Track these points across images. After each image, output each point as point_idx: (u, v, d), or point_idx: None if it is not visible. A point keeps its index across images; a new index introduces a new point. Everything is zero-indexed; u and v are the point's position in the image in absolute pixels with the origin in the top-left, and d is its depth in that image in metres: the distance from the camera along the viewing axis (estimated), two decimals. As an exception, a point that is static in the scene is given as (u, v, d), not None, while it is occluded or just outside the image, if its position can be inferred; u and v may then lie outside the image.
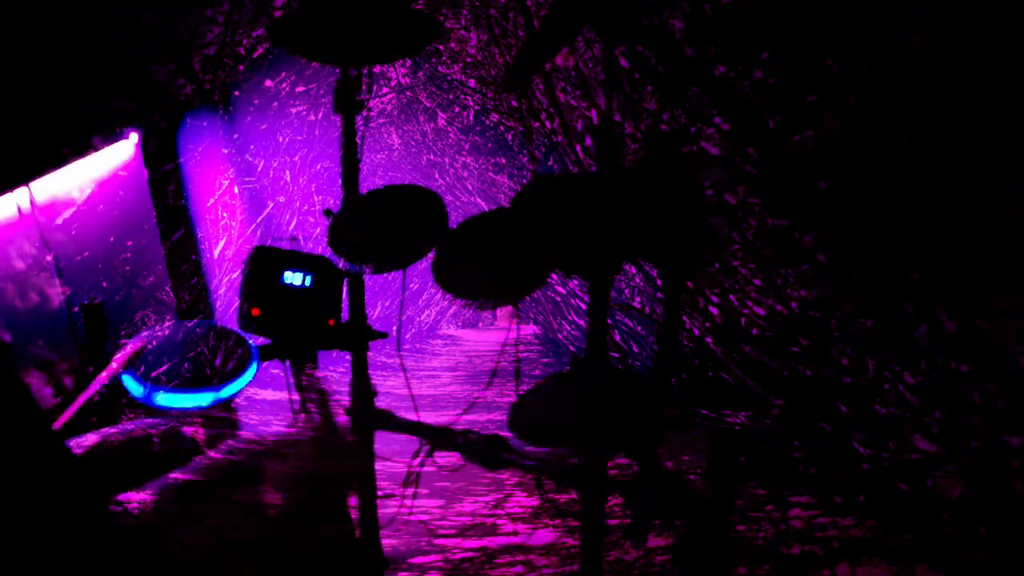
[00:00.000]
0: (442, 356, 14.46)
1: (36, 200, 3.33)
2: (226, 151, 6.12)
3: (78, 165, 3.69)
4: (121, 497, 1.58)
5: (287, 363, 2.49)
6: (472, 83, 7.40)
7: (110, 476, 1.48)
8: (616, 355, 2.06)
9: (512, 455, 2.13)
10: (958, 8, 2.66)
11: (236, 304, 2.17)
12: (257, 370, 2.43)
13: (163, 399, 2.54)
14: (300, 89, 6.73)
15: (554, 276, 7.56)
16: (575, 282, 7.41)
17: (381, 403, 2.61)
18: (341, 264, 2.31)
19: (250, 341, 2.56)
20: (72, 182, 3.71)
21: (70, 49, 1.33)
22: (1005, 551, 3.09)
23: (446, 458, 2.34)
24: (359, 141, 2.64)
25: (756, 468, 4.63)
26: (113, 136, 3.85)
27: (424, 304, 16.02)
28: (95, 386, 2.87)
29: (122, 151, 4.04)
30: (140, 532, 1.52)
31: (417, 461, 2.39)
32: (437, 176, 10.39)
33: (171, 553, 1.52)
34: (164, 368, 2.59)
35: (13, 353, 1.24)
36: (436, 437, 2.33)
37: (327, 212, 2.48)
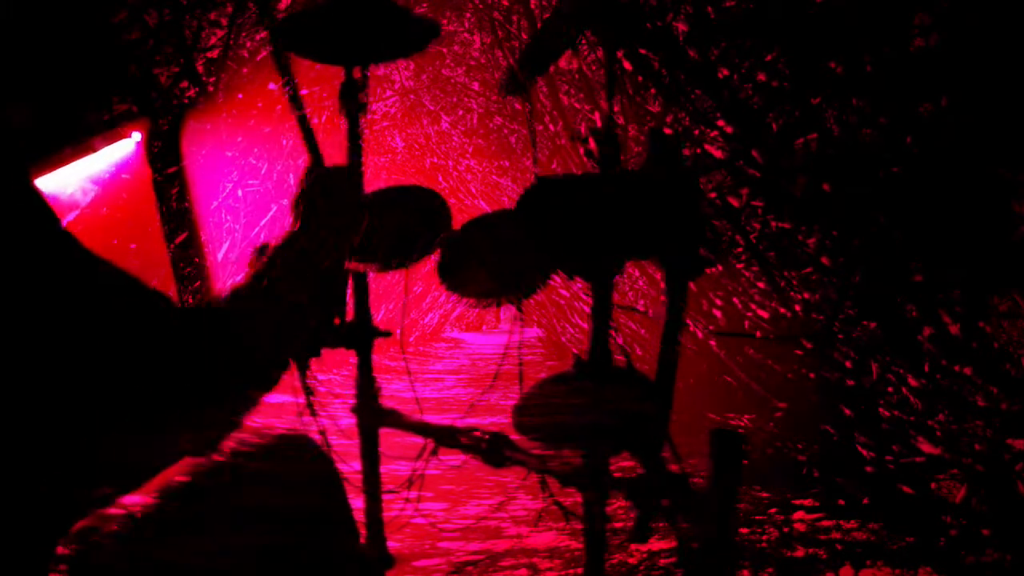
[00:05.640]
0: (446, 359, 14.47)
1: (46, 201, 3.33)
2: (230, 154, 6.13)
3: (81, 168, 3.70)
4: (120, 499, 1.57)
5: (292, 364, 2.48)
6: (476, 86, 7.41)
7: (109, 476, 1.48)
8: (620, 357, 2.07)
9: (516, 453, 2.13)
10: (962, 10, 2.66)
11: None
12: None
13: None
14: (304, 92, 6.74)
15: (558, 280, 7.57)
16: (579, 285, 7.41)
17: (385, 405, 2.61)
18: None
19: None
20: (75, 185, 3.71)
21: (74, 49, 1.33)
22: (1009, 554, 3.08)
23: (450, 458, 2.34)
24: (361, 144, 2.64)
25: (760, 471, 4.63)
26: (116, 138, 3.86)
27: (428, 307, 16.03)
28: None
29: (125, 153, 4.05)
30: (142, 535, 1.52)
31: (421, 462, 2.39)
32: (441, 179, 10.40)
33: (173, 557, 1.52)
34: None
35: None
36: (440, 437, 2.33)
37: None
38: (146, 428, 1.37)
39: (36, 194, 1.27)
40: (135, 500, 1.57)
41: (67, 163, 3.54)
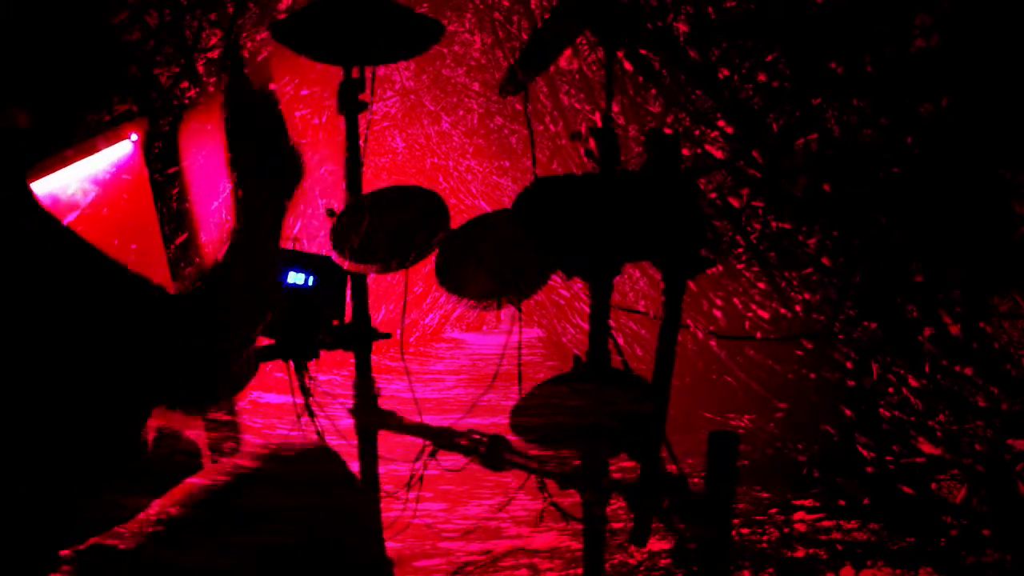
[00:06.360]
0: (447, 360, 14.44)
1: (41, 202, 3.33)
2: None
3: (82, 168, 3.69)
4: (122, 501, 1.58)
5: (291, 365, 2.49)
6: (476, 87, 7.40)
7: (108, 477, 1.48)
8: (620, 358, 2.07)
9: (516, 455, 2.13)
10: (962, 11, 2.66)
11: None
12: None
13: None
14: (304, 92, 6.73)
15: (558, 280, 7.57)
16: (579, 286, 7.40)
17: (385, 406, 2.61)
18: (345, 265, 2.31)
19: None
20: (76, 185, 3.71)
21: (74, 50, 1.34)
22: (1009, 554, 3.08)
23: (449, 460, 2.34)
24: (363, 144, 2.64)
25: (760, 471, 4.62)
26: (117, 138, 3.86)
27: (428, 307, 16.01)
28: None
29: (125, 154, 4.04)
30: (144, 535, 1.52)
31: (420, 463, 2.39)
32: (441, 179, 10.39)
33: (174, 557, 1.52)
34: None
35: None
36: (439, 439, 2.33)
37: (330, 212, 2.48)
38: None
39: (30, 194, 1.29)
40: (137, 502, 1.58)
41: (68, 164, 3.53)
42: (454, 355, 15.37)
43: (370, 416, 2.56)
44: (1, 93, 1.31)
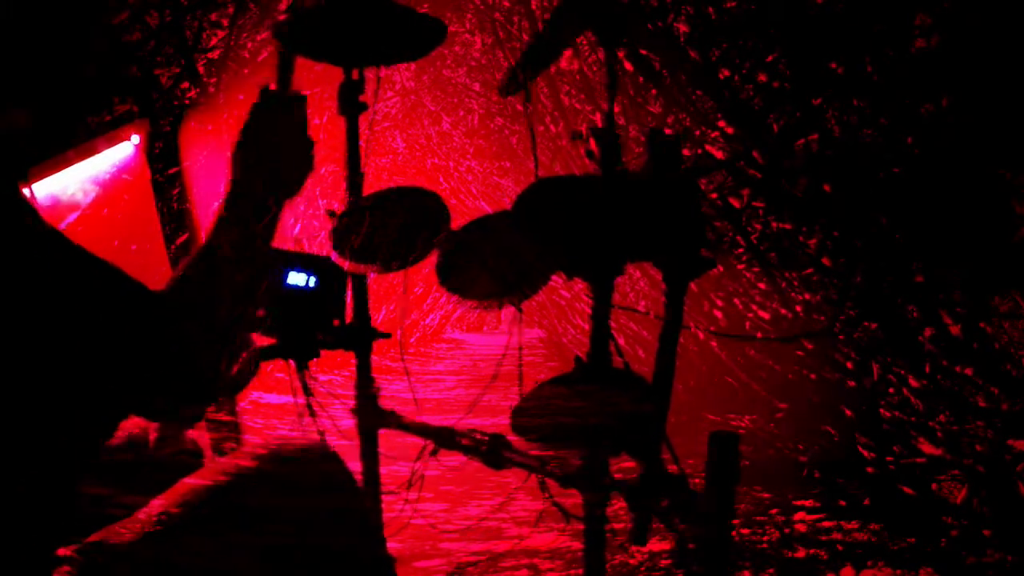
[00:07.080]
0: (447, 360, 14.43)
1: (41, 204, 3.33)
2: (231, 155, 6.10)
3: (82, 168, 3.69)
4: (122, 501, 1.58)
5: (292, 365, 2.49)
6: (477, 87, 7.39)
7: (108, 478, 1.48)
8: (621, 359, 2.07)
9: (516, 455, 2.13)
10: (962, 11, 2.66)
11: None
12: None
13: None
14: (305, 93, 6.72)
15: (559, 281, 7.56)
16: (580, 286, 7.39)
17: (385, 406, 2.61)
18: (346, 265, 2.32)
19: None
20: (76, 186, 3.71)
21: (74, 50, 1.34)
22: (1010, 555, 3.08)
23: (450, 459, 2.34)
24: (363, 144, 2.64)
25: (761, 472, 4.62)
26: (118, 140, 3.86)
27: (429, 308, 16.01)
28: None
29: (126, 154, 4.04)
30: (144, 535, 1.52)
31: (421, 463, 2.39)
32: (441, 180, 10.38)
33: (175, 557, 1.52)
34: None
35: None
36: (440, 438, 2.33)
37: (331, 213, 2.48)
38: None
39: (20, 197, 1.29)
40: (138, 501, 1.58)
41: (69, 165, 3.54)
42: (455, 356, 15.36)
43: (370, 415, 2.56)
44: (1, 93, 1.31)
